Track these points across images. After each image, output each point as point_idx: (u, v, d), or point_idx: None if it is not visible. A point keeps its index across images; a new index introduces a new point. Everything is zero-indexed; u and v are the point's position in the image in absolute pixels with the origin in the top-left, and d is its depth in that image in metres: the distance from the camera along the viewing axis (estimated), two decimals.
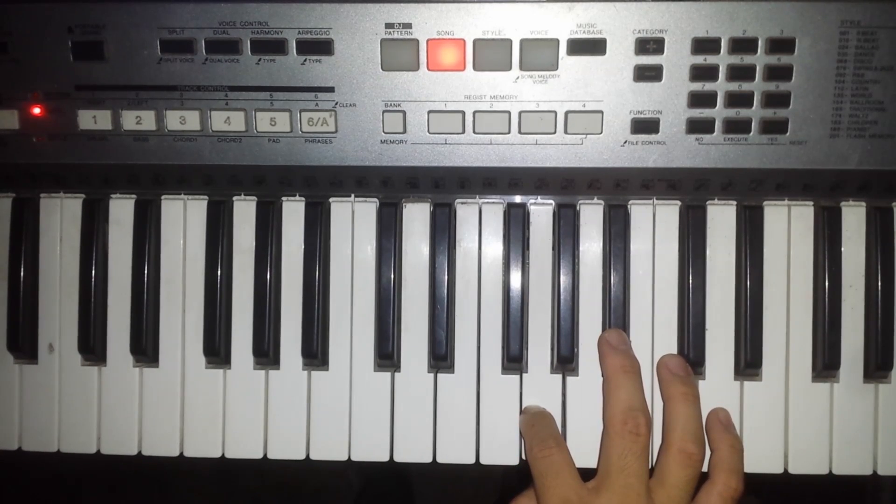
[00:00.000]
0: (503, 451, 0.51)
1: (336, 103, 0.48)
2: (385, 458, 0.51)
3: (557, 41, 0.46)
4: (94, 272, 0.53)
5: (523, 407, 0.51)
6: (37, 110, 0.49)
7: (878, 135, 0.47)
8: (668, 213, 0.51)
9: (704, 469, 0.48)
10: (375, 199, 0.52)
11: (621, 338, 0.49)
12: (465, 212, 0.52)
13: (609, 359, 0.48)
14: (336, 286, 0.52)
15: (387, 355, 0.51)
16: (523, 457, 0.51)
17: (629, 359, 0.48)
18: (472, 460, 0.51)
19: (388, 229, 0.51)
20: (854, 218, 0.51)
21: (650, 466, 0.48)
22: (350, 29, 0.47)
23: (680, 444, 0.46)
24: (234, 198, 0.53)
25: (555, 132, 0.48)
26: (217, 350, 0.52)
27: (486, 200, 0.52)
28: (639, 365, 0.48)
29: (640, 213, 0.51)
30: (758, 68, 0.46)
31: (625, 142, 0.48)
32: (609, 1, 0.46)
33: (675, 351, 0.50)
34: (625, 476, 0.45)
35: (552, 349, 0.51)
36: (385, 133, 0.48)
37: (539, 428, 0.48)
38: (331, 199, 0.52)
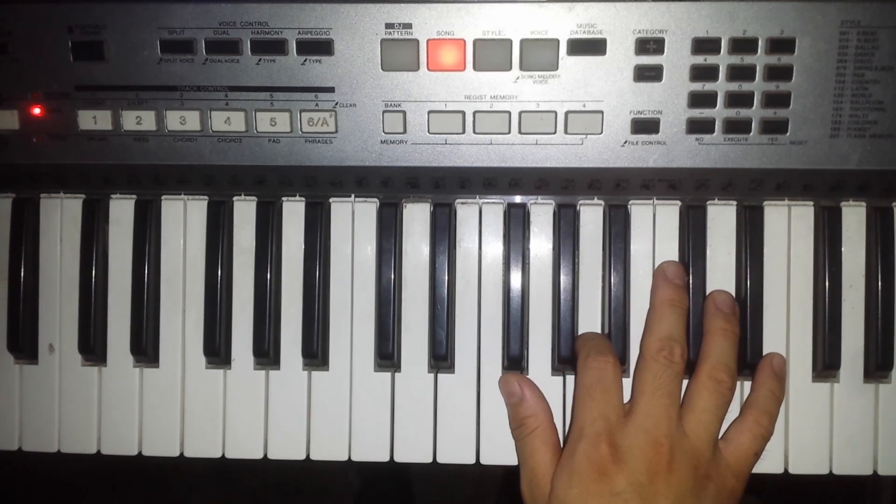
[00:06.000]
0: (503, 451, 0.51)
1: (336, 103, 0.48)
2: (385, 458, 0.51)
3: (557, 41, 0.46)
4: (94, 272, 0.53)
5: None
6: (37, 110, 0.49)
7: (878, 135, 0.47)
8: (668, 213, 0.51)
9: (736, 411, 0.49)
10: (375, 199, 0.52)
11: (678, 272, 0.49)
12: (466, 212, 0.52)
13: (660, 289, 0.49)
14: (336, 286, 0.52)
15: (387, 355, 0.51)
16: None
17: (680, 294, 0.48)
18: (472, 460, 0.51)
19: (388, 229, 0.51)
20: (854, 218, 0.51)
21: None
22: (350, 29, 0.47)
23: (711, 371, 0.46)
24: (235, 198, 0.53)
25: (555, 132, 0.48)
26: (217, 350, 0.52)
27: (486, 200, 0.52)
28: (688, 303, 0.49)
29: (640, 213, 0.51)
30: (758, 68, 0.46)
31: (625, 142, 0.48)
32: (609, 1, 0.46)
33: None
34: (657, 397, 0.45)
35: (552, 349, 0.51)
36: (385, 133, 0.48)
37: (598, 342, 0.48)
38: (331, 199, 0.52)
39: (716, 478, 0.45)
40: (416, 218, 0.52)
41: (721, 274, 0.50)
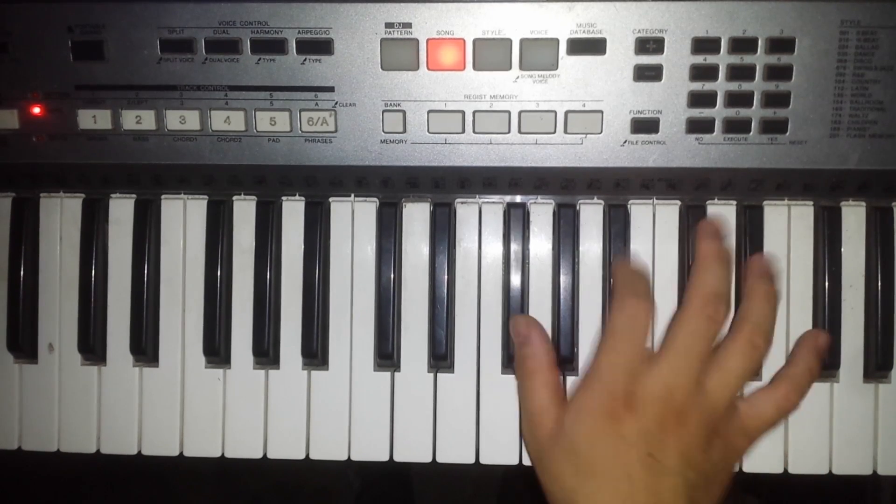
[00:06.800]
0: (503, 450, 0.51)
1: (336, 103, 0.48)
2: (385, 457, 0.51)
3: (557, 41, 0.46)
4: (94, 272, 0.53)
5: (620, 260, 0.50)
6: (37, 110, 0.49)
7: (878, 135, 0.47)
8: (668, 213, 0.51)
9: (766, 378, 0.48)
10: (375, 199, 0.52)
11: (719, 228, 0.48)
12: (465, 211, 0.52)
13: (705, 242, 0.47)
14: (336, 286, 0.52)
15: (387, 355, 0.51)
16: (523, 457, 0.51)
17: (725, 249, 0.47)
18: (472, 460, 0.51)
19: (388, 229, 0.51)
20: (854, 218, 0.50)
21: None
22: (350, 29, 0.47)
23: (749, 335, 0.45)
24: (234, 197, 0.53)
25: (555, 132, 0.48)
26: (217, 350, 0.52)
27: (486, 200, 0.52)
28: (733, 259, 0.48)
29: (640, 212, 0.51)
30: (758, 68, 0.46)
31: (625, 142, 0.48)
32: (609, 1, 0.46)
33: None
34: (688, 357, 0.44)
35: None
36: (385, 133, 0.48)
37: (637, 280, 0.47)
38: (331, 199, 0.52)
39: (724, 435, 0.45)
40: (416, 218, 0.52)
41: None
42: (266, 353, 0.51)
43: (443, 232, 0.51)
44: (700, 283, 0.46)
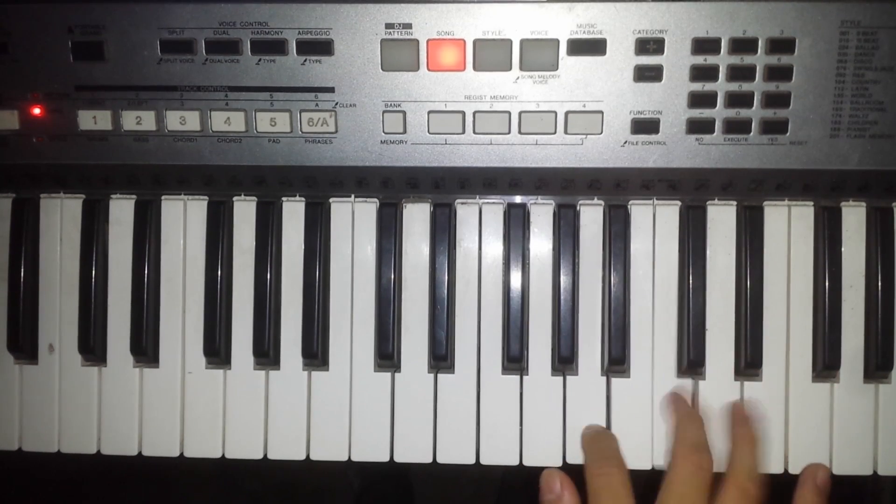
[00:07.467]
0: (503, 451, 0.51)
1: (336, 103, 0.48)
2: (385, 458, 0.51)
3: (557, 41, 0.46)
4: (94, 272, 0.53)
5: (587, 424, 0.51)
6: (37, 110, 0.49)
7: (878, 135, 0.47)
8: (669, 213, 0.51)
9: None
10: (375, 200, 0.52)
11: (683, 397, 0.51)
12: (466, 212, 0.52)
13: (676, 407, 0.50)
14: (336, 286, 0.52)
15: (387, 355, 0.51)
16: (523, 457, 0.51)
17: (693, 409, 0.50)
18: (472, 460, 0.51)
19: (388, 229, 0.51)
20: (854, 218, 0.51)
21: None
22: (350, 29, 0.47)
23: (741, 481, 0.46)
24: (235, 198, 0.53)
25: (555, 132, 0.48)
26: (217, 350, 0.52)
27: (486, 201, 0.52)
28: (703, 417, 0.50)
29: (641, 213, 0.51)
30: (758, 68, 0.46)
31: (625, 142, 0.48)
32: (609, 1, 0.46)
33: (674, 351, 0.51)
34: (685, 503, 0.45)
35: (552, 349, 0.51)
36: (385, 133, 0.48)
37: (602, 445, 0.49)
38: (331, 200, 0.52)
39: None
40: (416, 218, 0.52)
41: (721, 274, 0.51)
42: (266, 353, 0.51)
43: (443, 232, 0.51)
44: (685, 435, 0.48)
